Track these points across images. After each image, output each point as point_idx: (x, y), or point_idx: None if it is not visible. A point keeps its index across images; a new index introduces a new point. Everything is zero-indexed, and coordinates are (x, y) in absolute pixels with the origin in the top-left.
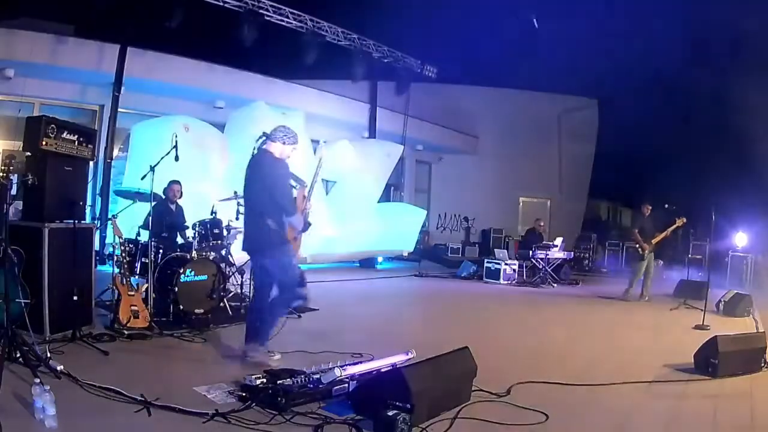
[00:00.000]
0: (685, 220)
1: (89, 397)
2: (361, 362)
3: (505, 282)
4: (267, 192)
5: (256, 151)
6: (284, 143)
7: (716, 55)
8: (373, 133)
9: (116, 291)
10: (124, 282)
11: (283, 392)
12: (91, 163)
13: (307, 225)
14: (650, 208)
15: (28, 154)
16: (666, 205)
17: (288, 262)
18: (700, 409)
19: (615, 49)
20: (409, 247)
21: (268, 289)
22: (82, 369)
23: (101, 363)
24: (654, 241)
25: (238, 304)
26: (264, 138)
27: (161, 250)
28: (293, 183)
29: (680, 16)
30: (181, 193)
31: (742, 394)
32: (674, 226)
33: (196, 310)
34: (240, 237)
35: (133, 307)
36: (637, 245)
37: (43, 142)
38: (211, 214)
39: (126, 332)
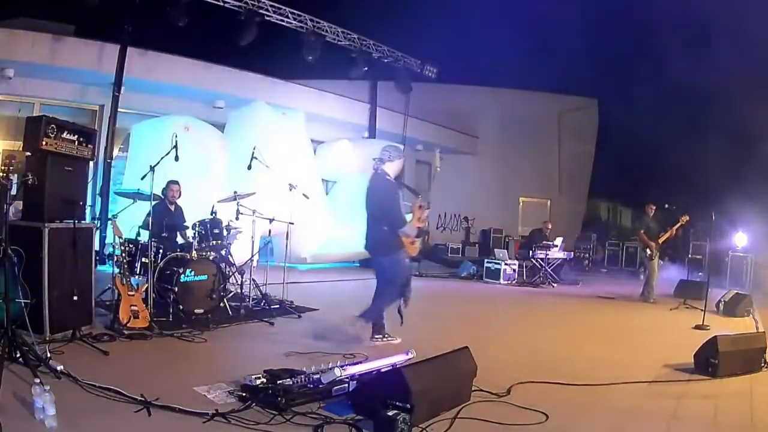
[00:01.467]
0: (688, 218)
1: (89, 397)
2: (361, 362)
3: (505, 282)
4: (382, 207)
5: (375, 168)
6: (399, 158)
7: (716, 54)
8: (373, 133)
9: (116, 291)
10: (124, 282)
11: (283, 392)
12: (91, 163)
13: (421, 231)
14: (654, 207)
15: (28, 154)
16: (666, 205)
17: (398, 263)
18: (700, 409)
19: (615, 49)
20: None
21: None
22: (82, 369)
23: (101, 363)
24: (660, 241)
25: (238, 304)
26: (379, 159)
27: (161, 250)
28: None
29: (681, 16)
30: (180, 193)
31: (742, 394)
32: (678, 225)
33: (196, 310)
34: (240, 237)
35: (133, 307)
36: (645, 246)
37: (43, 142)
38: (211, 214)
39: (126, 332)
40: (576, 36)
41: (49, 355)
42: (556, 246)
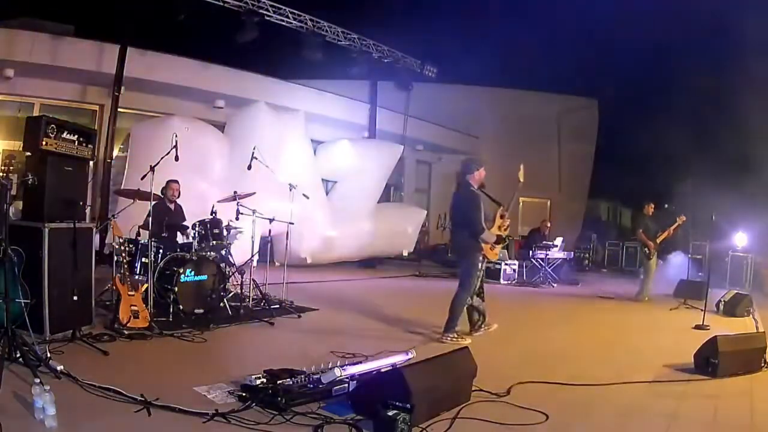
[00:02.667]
0: (684, 218)
1: (89, 397)
2: (361, 362)
3: (505, 282)
4: (464, 215)
5: (459, 179)
6: (478, 170)
7: (716, 54)
8: (373, 133)
9: (116, 291)
10: (124, 282)
11: (283, 392)
12: (91, 163)
13: (500, 238)
14: (653, 207)
15: (28, 154)
16: (666, 205)
17: (471, 267)
18: (700, 409)
19: (615, 49)
20: (409, 247)
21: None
22: (82, 369)
23: (101, 363)
24: (659, 241)
25: (238, 304)
26: (462, 172)
27: (161, 250)
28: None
29: (681, 16)
30: (180, 192)
31: (742, 394)
32: (676, 225)
33: (196, 310)
34: (240, 237)
35: (133, 307)
36: (644, 246)
37: (43, 142)
38: (211, 214)
39: (126, 332)
40: (576, 36)
41: (49, 355)
42: (556, 246)
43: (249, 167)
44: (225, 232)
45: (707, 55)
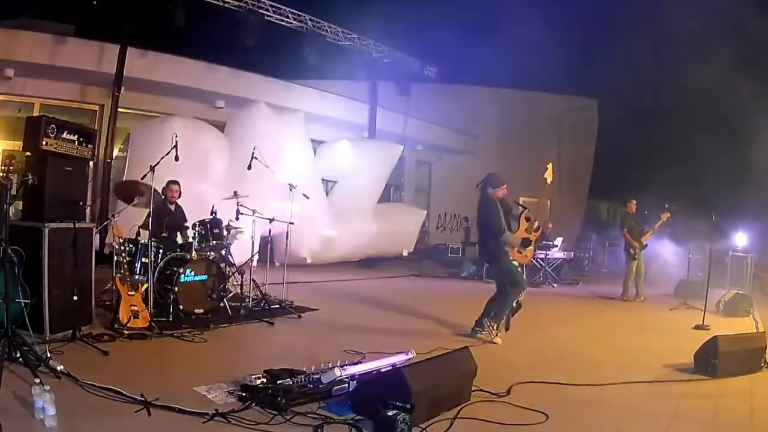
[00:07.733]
0: (669, 214)
1: (89, 397)
2: (361, 362)
3: None
4: (484, 219)
5: (480, 189)
6: (493, 188)
7: (716, 54)
8: (373, 133)
9: (116, 291)
10: (124, 282)
11: (283, 392)
12: (91, 163)
13: (527, 241)
14: (635, 203)
15: (28, 154)
16: (666, 205)
17: (506, 268)
18: (700, 409)
19: (615, 50)
20: (409, 247)
21: (503, 286)
22: (82, 369)
23: (101, 363)
24: (644, 240)
25: (238, 304)
26: (483, 186)
27: (161, 250)
28: (522, 208)
29: (680, 16)
30: (180, 193)
31: (742, 394)
32: (660, 222)
33: (196, 310)
34: (240, 237)
35: (133, 307)
36: (630, 246)
37: (43, 142)
38: (211, 214)
39: (126, 332)
40: (576, 36)
41: (49, 355)
42: (556, 246)
43: (249, 167)
44: (225, 232)
45: (708, 55)
